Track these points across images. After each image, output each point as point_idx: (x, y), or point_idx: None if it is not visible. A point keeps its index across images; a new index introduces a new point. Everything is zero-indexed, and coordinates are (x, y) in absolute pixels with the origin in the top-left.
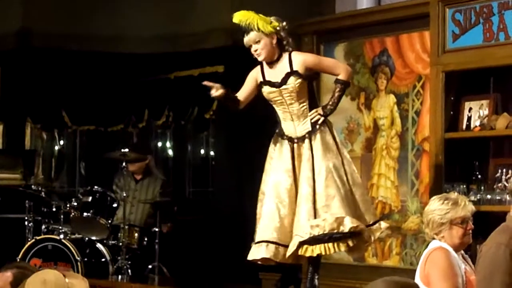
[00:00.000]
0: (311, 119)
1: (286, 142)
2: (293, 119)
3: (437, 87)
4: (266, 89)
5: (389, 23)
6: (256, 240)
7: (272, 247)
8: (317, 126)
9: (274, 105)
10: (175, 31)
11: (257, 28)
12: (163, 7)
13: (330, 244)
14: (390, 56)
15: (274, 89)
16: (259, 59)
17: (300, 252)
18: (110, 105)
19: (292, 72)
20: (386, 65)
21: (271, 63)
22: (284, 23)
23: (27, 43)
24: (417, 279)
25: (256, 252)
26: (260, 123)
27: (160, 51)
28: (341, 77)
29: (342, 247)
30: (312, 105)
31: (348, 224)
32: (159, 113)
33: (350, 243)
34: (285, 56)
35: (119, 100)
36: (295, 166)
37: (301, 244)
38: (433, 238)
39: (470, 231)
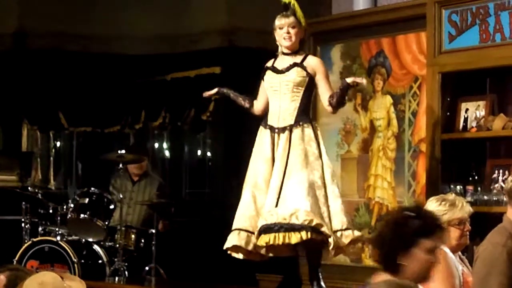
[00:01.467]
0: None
1: (268, 131)
2: (280, 110)
3: (433, 88)
4: (268, 75)
5: (386, 24)
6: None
7: (244, 234)
8: (300, 123)
9: (268, 94)
10: (171, 32)
11: (298, 16)
12: (159, 8)
13: (281, 234)
14: (387, 57)
15: (275, 75)
16: (285, 43)
17: (258, 242)
18: (107, 107)
19: (300, 65)
20: (383, 66)
21: (288, 54)
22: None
23: (23, 44)
24: None
25: (228, 240)
26: (257, 125)
27: (156, 52)
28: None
29: (294, 239)
30: (305, 110)
31: (302, 216)
32: (156, 114)
33: (304, 236)
34: (302, 54)
35: (115, 101)
36: (274, 155)
37: (258, 233)
38: None
39: (467, 233)
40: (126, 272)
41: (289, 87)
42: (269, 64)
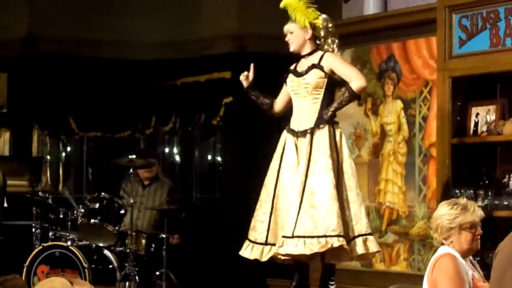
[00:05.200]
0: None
1: (291, 136)
2: (301, 114)
3: (444, 93)
4: (289, 78)
5: (396, 29)
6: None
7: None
8: (320, 126)
9: (292, 98)
10: (182, 37)
11: (294, 19)
12: (169, 13)
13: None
14: (397, 61)
15: (295, 78)
16: (290, 48)
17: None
18: (117, 112)
19: (317, 66)
20: (393, 70)
21: (304, 56)
22: (329, 25)
23: (34, 49)
24: (425, 285)
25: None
26: (268, 129)
27: (167, 57)
28: (353, 86)
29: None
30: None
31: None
32: (166, 119)
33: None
34: (319, 53)
35: (126, 106)
36: (298, 160)
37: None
38: (442, 244)
39: (479, 237)
40: (137, 277)
41: (308, 89)
42: (292, 66)
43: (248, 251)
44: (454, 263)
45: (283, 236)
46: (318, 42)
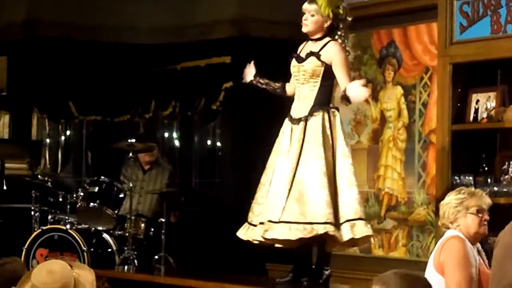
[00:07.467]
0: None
1: (289, 123)
2: (299, 100)
3: (444, 79)
4: (292, 62)
5: (397, 15)
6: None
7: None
8: (315, 113)
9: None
10: (182, 21)
11: (319, 5)
12: None
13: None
14: (398, 47)
15: (296, 63)
16: (303, 29)
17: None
18: (117, 96)
19: (315, 54)
20: (394, 56)
21: (312, 40)
22: (348, 18)
23: (34, 33)
24: (430, 266)
25: (282, 233)
26: (267, 115)
27: (167, 42)
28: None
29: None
30: (323, 99)
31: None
32: (166, 104)
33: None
34: (325, 40)
35: (125, 90)
36: (291, 147)
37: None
38: (448, 228)
39: (486, 222)
40: (136, 261)
41: (306, 77)
42: (299, 49)
43: (243, 232)
44: (463, 245)
45: (269, 221)
46: (335, 31)
